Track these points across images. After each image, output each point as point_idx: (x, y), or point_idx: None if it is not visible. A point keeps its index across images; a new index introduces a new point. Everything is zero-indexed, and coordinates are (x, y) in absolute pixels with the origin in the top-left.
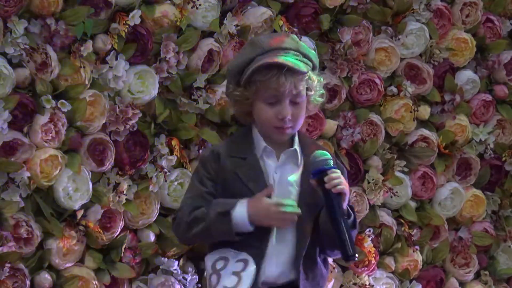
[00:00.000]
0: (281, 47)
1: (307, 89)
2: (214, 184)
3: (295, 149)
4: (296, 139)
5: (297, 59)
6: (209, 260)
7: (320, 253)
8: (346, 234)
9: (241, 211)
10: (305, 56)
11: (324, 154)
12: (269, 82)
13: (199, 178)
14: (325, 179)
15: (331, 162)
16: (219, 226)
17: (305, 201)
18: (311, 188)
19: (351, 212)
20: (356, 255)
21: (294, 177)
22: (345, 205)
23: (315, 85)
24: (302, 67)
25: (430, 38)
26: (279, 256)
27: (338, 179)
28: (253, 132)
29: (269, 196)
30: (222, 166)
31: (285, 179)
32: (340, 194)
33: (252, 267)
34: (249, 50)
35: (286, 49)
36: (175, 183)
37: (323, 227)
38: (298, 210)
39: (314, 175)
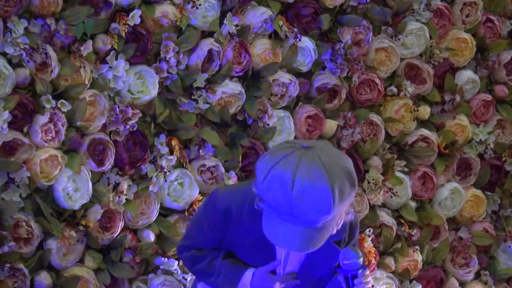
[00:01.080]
0: (308, 219)
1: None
2: (222, 235)
3: None
4: None
5: (317, 233)
6: None
7: None
8: None
9: (244, 285)
10: (338, 203)
11: (357, 256)
12: None
13: (210, 223)
14: (355, 281)
15: (361, 261)
16: None
17: (307, 273)
18: (315, 260)
19: None
20: None
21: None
22: None
23: (341, 215)
24: (318, 244)
25: (430, 38)
26: None
27: (368, 282)
28: None
29: (274, 269)
30: (232, 228)
31: (293, 253)
32: None
33: None
34: (278, 191)
35: (312, 221)
36: (175, 183)
37: None
38: (298, 282)
39: (343, 271)
